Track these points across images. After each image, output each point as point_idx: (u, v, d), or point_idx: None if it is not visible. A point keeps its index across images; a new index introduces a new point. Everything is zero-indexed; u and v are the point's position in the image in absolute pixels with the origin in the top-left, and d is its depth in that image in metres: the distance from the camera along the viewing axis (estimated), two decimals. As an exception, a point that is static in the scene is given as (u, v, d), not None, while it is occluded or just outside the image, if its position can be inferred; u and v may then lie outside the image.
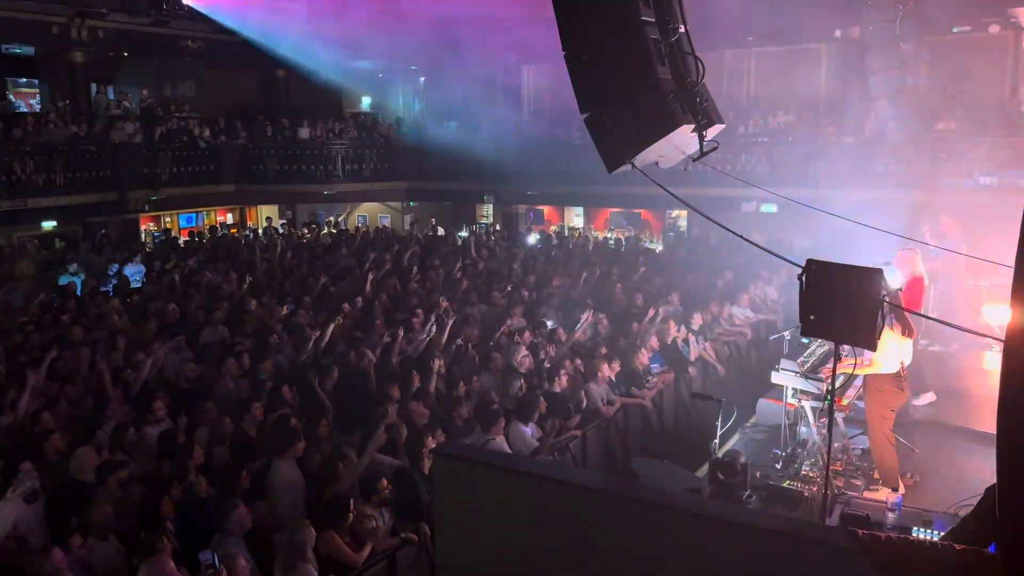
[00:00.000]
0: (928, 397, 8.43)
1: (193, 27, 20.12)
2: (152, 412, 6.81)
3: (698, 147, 4.53)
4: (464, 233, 19.96)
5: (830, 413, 5.22)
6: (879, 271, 4.63)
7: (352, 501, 5.45)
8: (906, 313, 6.38)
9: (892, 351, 6.35)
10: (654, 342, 9.90)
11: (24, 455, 5.89)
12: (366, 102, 25.25)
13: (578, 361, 9.16)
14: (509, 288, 12.05)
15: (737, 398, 9.93)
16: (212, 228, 18.76)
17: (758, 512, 5.41)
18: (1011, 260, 2.27)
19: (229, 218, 21.79)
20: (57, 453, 6.14)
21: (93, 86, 19.87)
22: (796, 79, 18.93)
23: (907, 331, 6.47)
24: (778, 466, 7.10)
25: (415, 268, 12.99)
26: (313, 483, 6.02)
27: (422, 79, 24.91)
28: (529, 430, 7.38)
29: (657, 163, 4.75)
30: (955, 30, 16.76)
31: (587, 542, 2.64)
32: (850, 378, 7.18)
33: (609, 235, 20.20)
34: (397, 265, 13.45)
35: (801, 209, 7.37)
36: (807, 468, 6.86)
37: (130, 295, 11.42)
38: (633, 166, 4.41)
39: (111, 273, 13.41)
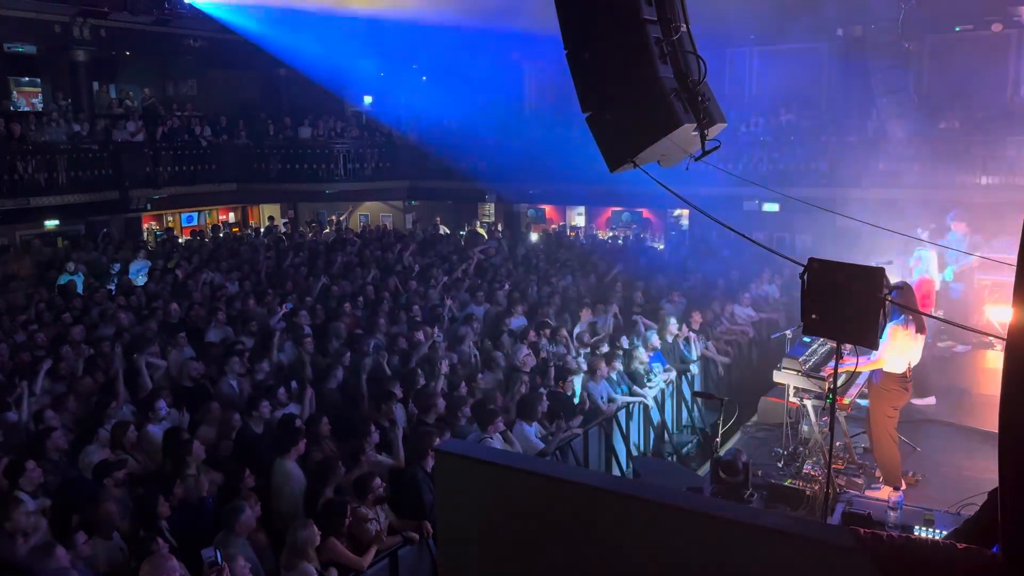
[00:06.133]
0: (928, 400, 8.42)
1: (195, 26, 20.12)
2: (154, 411, 6.83)
3: (700, 146, 4.52)
4: (463, 233, 19.96)
5: (832, 412, 5.21)
6: (881, 270, 4.63)
7: (347, 504, 5.44)
8: (910, 310, 6.38)
9: (902, 350, 6.34)
10: (655, 341, 9.90)
11: (27, 453, 5.90)
12: (368, 101, 25.24)
13: (580, 359, 9.17)
14: (508, 286, 12.05)
15: (739, 397, 9.94)
16: (214, 227, 18.78)
17: (760, 511, 5.40)
18: (1013, 258, 2.26)
19: (231, 217, 21.81)
20: (58, 451, 6.16)
21: (95, 85, 19.88)
22: (798, 78, 18.90)
23: (919, 327, 6.46)
24: (780, 465, 7.10)
25: (416, 267, 13.00)
26: (313, 482, 6.02)
27: (424, 78, 24.90)
28: (533, 430, 7.38)
29: (659, 162, 4.74)
30: (958, 28, 16.72)
31: (588, 541, 2.64)
32: (852, 376, 7.17)
33: (612, 233, 20.18)
34: (398, 263, 13.47)
35: (803, 208, 7.36)
36: (809, 467, 6.86)
37: (132, 293, 11.43)
38: (635, 165, 4.40)
39: (113, 272, 13.42)
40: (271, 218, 20.72)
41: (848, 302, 4.51)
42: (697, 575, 2.49)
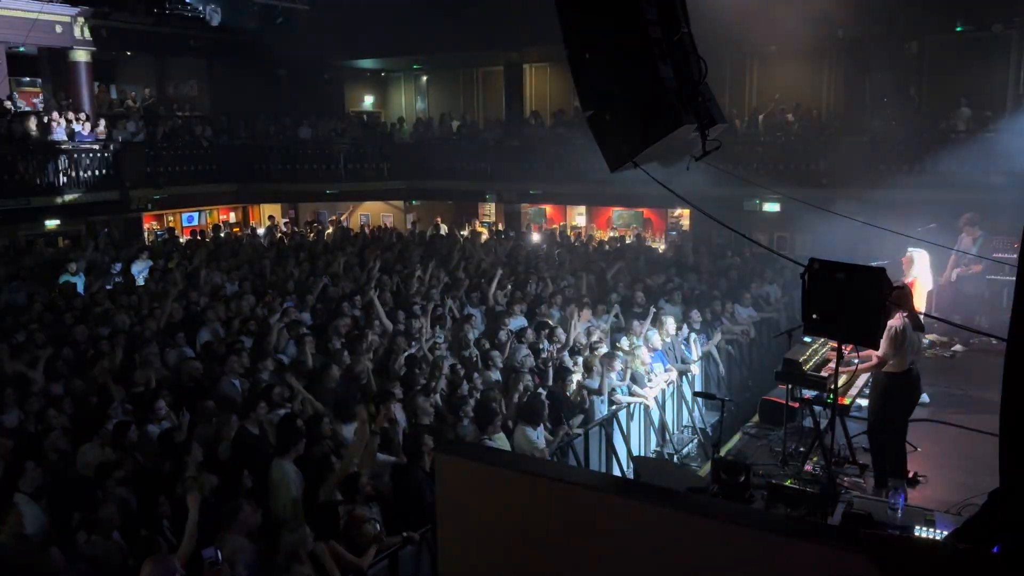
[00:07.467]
0: (922, 399, 8.43)
1: (195, 26, 20.13)
2: (154, 411, 6.82)
3: (700, 146, 4.52)
4: (465, 232, 19.96)
5: (832, 412, 5.22)
6: (882, 270, 4.64)
7: (338, 506, 5.42)
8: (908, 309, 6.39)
9: (902, 347, 6.34)
10: (656, 340, 9.89)
11: (27, 453, 5.90)
12: (368, 101, 25.27)
13: (579, 360, 9.15)
14: (510, 287, 12.03)
15: (739, 396, 9.95)
16: (215, 227, 18.78)
17: (760, 512, 5.41)
18: (1014, 258, 2.27)
19: (231, 217, 21.82)
20: (58, 451, 6.15)
21: (96, 85, 19.89)
22: (799, 78, 18.90)
23: (916, 325, 6.48)
24: (780, 464, 7.10)
25: (417, 267, 12.98)
26: (310, 482, 6.02)
27: (424, 78, 24.93)
28: (537, 433, 7.35)
29: (659, 162, 4.74)
30: (958, 28, 16.72)
31: (589, 541, 2.64)
32: (853, 376, 7.18)
33: (612, 234, 20.15)
34: (398, 263, 13.45)
35: (803, 208, 7.36)
36: (809, 467, 6.86)
37: (133, 293, 11.42)
38: (636, 165, 4.40)
39: (114, 272, 13.41)
40: (271, 218, 20.71)
41: (848, 302, 4.52)
42: None
